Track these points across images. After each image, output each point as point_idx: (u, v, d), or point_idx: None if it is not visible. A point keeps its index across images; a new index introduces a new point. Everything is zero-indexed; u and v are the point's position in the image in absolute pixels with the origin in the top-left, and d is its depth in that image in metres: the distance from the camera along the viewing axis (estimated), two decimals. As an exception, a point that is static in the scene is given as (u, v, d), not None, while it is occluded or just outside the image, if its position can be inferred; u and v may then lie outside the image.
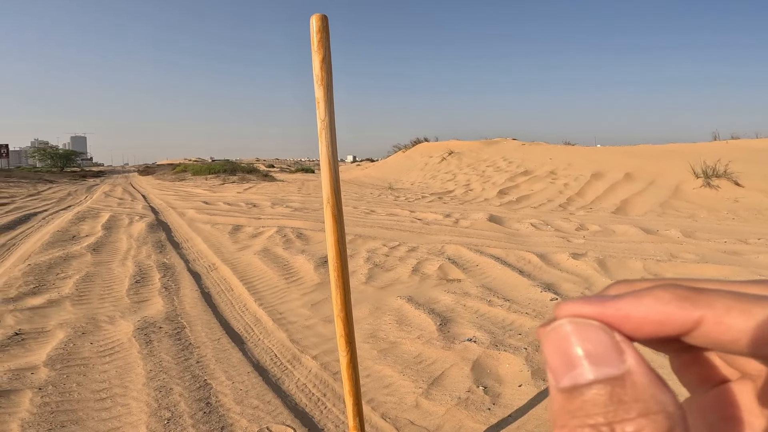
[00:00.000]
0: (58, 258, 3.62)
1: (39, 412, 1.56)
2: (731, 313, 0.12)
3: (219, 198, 9.49)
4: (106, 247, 4.19)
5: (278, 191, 11.54)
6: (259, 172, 20.65)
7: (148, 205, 8.32)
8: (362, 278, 3.14)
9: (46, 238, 4.50)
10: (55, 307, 2.56)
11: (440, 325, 2.28)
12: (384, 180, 14.54)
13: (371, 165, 23.98)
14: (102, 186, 16.98)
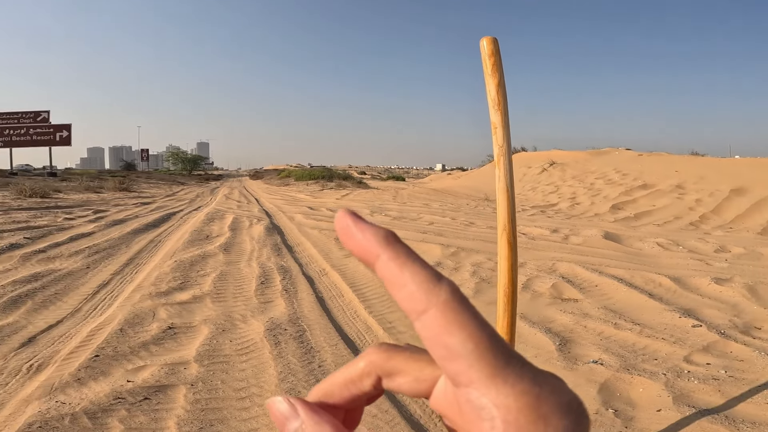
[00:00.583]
0: (197, 256, 4.11)
1: (192, 409, 1.67)
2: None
3: (321, 204, 10.06)
4: (234, 247, 4.65)
5: (374, 199, 11.88)
6: (353, 179, 21.54)
7: (262, 209, 9.13)
8: (469, 292, 3.10)
9: (186, 237, 5.16)
10: (198, 303, 2.88)
11: (559, 345, 2.20)
12: (479, 190, 14.15)
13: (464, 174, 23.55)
14: (222, 189, 19.17)
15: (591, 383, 1.84)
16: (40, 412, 1.54)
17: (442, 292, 0.16)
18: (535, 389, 0.15)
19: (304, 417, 0.18)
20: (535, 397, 0.15)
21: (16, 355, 2.02)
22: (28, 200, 9.46)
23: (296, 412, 0.18)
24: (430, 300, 0.16)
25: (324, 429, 0.17)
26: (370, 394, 0.19)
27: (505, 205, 0.97)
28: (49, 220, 6.14)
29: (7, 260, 3.69)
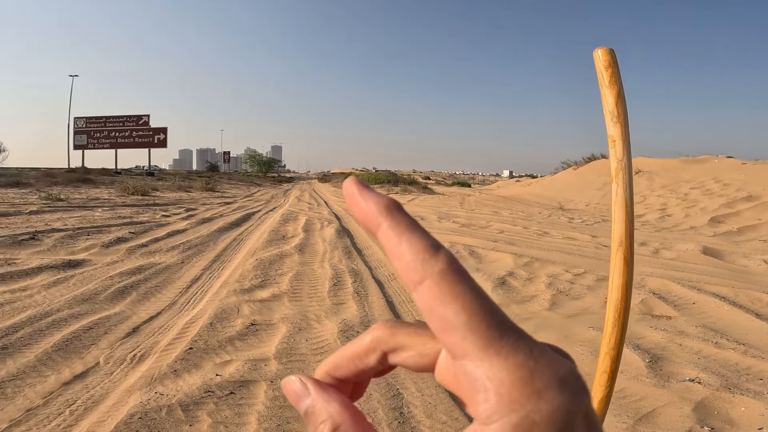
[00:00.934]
0: (275, 255, 4.33)
1: (271, 405, 1.73)
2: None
3: (388, 209, 10.13)
4: (308, 248, 4.83)
5: (440, 204, 11.74)
6: (418, 184, 21.50)
7: (331, 211, 9.43)
8: (545, 304, 3.02)
9: (265, 237, 5.46)
10: (277, 301, 3.00)
11: (650, 362, 2.14)
12: (551, 199, 13.41)
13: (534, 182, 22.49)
14: (293, 191, 20.16)
15: (685, 401, 1.79)
16: (141, 402, 1.66)
17: (438, 262, 0.16)
18: (530, 363, 0.15)
19: (315, 395, 0.19)
20: (530, 371, 0.15)
21: (122, 344, 2.23)
22: (131, 198, 10.65)
23: (308, 391, 0.19)
24: (425, 271, 0.16)
25: (332, 405, 0.19)
26: (376, 368, 0.20)
27: (623, 219, 0.89)
28: (149, 216, 6.85)
29: (115, 252, 4.15)
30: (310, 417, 0.19)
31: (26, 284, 3.01)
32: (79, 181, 14.73)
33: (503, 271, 3.91)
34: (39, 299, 2.73)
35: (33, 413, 1.58)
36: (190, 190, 14.85)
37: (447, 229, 6.68)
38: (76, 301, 2.73)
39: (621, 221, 0.97)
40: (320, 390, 0.19)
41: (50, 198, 8.91)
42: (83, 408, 1.64)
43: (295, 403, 0.19)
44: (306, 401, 0.19)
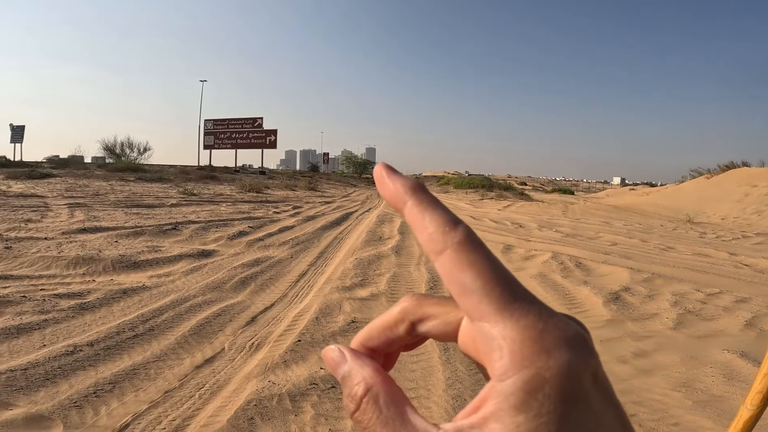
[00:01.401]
0: (373, 256, 4.47)
1: None
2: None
3: (483, 214, 9.84)
4: (404, 250, 4.91)
5: (540, 212, 11.03)
6: (514, 190, 20.49)
7: (425, 215, 9.45)
8: (668, 323, 2.87)
9: (363, 237, 5.68)
10: (375, 300, 3.09)
11: None
12: (676, 210, 11.76)
13: (653, 191, 20.00)
14: (386, 193, 20.58)
15: None
16: (257, 390, 1.82)
17: (458, 233, 0.18)
18: (539, 324, 0.16)
19: (351, 361, 0.20)
20: (539, 331, 0.16)
21: (243, 332, 2.48)
22: (248, 194, 11.90)
23: (344, 358, 0.20)
24: (446, 241, 0.18)
25: (366, 370, 0.20)
26: (405, 339, 0.21)
27: None
28: (263, 212, 7.58)
29: (237, 245, 4.67)
30: (346, 381, 0.20)
31: (169, 270, 3.54)
32: (207, 178, 16.90)
33: (617, 286, 3.66)
34: (179, 285, 3.18)
35: (169, 395, 1.80)
36: (296, 189, 16.10)
37: (549, 239, 6.26)
38: (208, 289, 3.12)
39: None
40: (355, 357, 0.20)
41: (186, 193, 10.36)
42: (210, 392, 1.84)
43: (333, 370, 0.20)
44: (343, 367, 0.20)
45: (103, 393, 1.76)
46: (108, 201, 7.73)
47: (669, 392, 2.00)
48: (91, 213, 6.12)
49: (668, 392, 2.00)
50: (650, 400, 1.93)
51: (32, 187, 9.73)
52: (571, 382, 0.15)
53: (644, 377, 2.16)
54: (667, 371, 2.22)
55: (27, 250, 3.64)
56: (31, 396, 1.68)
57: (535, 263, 4.57)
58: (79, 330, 2.29)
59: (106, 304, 2.68)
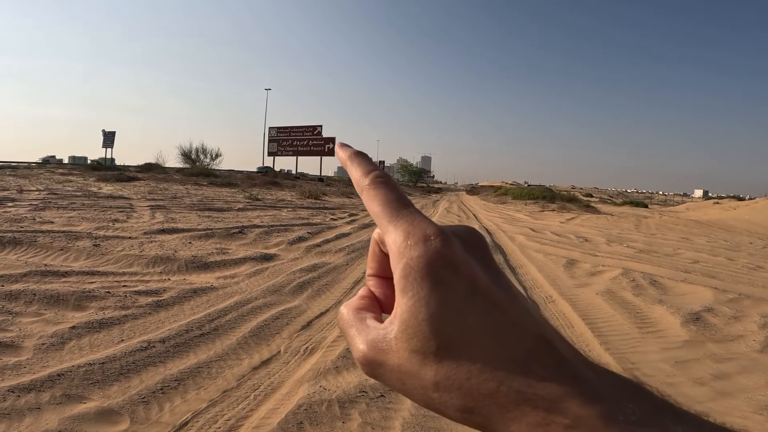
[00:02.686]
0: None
1: (416, 413, 1.76)
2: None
3: (544, 226, 9.38)
4: (459, 263, 4.80)
5: (609, 226, 10.30)
6: (579, 202, 19.36)
7: (481, 225, 9.21)
8: (755, 345, 2.72)
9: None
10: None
11: None
12: (770, 227, 10.43)
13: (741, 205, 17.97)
14: (442, 202, 20.46)
15: None
16: (308, 395, 1.84)
17: (368, 179, 0.25)
18: (409, 228, 0.21)
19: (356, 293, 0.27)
20: (408, 232, 0.21)
21: (298, 336, 2.55)
22: (307, 200, 12.35)
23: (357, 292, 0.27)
24: (361, 185, 0.25)
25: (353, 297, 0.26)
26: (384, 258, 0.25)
27: None
28: (321, 219, 7.81)
29: (296, 250, 4.84)
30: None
31: (235, 272, 3.74)
32: (270, 184, 17.80)
33: (698, 306, 3.42)
34: (243, 286, 3.35)
35: (227, 395, 1.87)
36: (352, 197, 16.43)
37: (619, 254, 5.81)
38: (269, 291, 3.25)
39: None
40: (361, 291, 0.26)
41: (251, 198, 10.97)
42: (264, 394, 1.90)
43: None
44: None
45: (169, 390, 1.87)
46: (184, 204, 8.39)
47: (750, 415, 1.90)
48: (169, 215, 6.66)
49: (749, 415, 1.90)
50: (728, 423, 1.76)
51: (120, 189, 10.83)
52: (428, 267, 0.20)
53: (723, 399, 2.03)
54: (749, 394, 2.10)
55: (113, 249, 4.04)
56: (104, 390, 1.81)
57: (602, 279, 4.30)
58: (153, 326, 2.48)
59: (178, 302, 2.88)
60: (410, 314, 0.19)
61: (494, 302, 0.20)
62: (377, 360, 0.21)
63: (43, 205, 6.62)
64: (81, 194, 8.86)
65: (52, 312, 2.53)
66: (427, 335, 0.19)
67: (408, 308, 0.20)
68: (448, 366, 0.19)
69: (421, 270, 0.20)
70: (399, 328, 0.20)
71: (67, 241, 4.16)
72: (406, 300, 0.20)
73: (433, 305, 0.19)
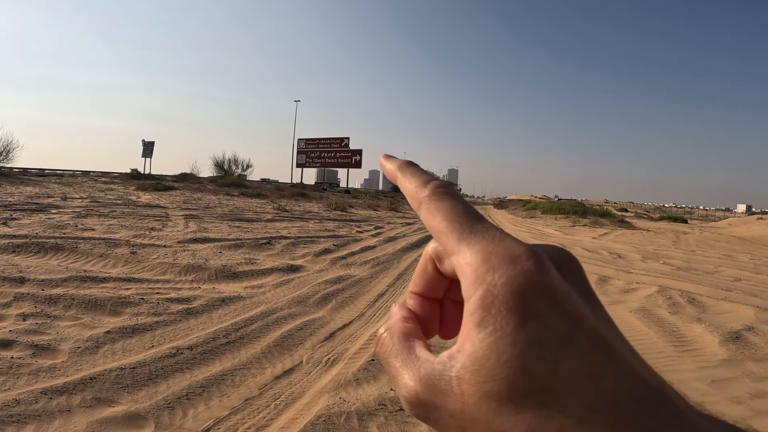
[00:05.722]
0: (453, 281, 4.37)
1: (433, 429, 1.74)
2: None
3: (575, 242, 9.11)
4: (485, 278, 4.73)
5: (645, 242, 9.89)
6: (613, 217, 18.68)
7: (509, 240, 9.02)
8: None
9: (442, 260, 5.58)
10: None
11: None
12: (825, 245, 9.73)
13: (792, 219, 16.88)
14: (469, 214, 20.10)
15: None
16: (327, 406, 1.85)
17: (426, 190, 0.22)
18: (489, 247, 0.18)
19: (393, 310, 0.24)
20: (488, 252, 0.18)
21: (321, 347, 2.57)
22: (333, 212, 12.49)
23: (394, 309, 0.24)
24: (419, 198, 0.22)
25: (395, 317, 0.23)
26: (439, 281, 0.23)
27: None
28: (346, 231, 7.88)
29: (322, 261, 4.90)
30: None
31: (262, 282, 3.82)
32: (298, 196, 18.14)
33: (738, 325, 3.30)
34: (269, 297, 3.41)
35: (249, 403, 1.90)
36: (378, 209, 16.50)
37: (655, 271, 5.56)
38: (294, 302, 3.30)
39: None
40: (398, 308, 0.24)
41: (280, 209, 11.21)
42: (284, 404, 1.92)
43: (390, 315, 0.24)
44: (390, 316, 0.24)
45: (194, 396, 1.92)
46: (216, 214, 8.67)
47: None
48: (202, 224, 6.90)
49: None
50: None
51: (157, 198, 11.31)
52: (518, 296, 0.17)
53: (761, 418, 1.95)
54: None
55: (149, 256, 4.21)
56: (133, 394, 1.87)
57: (636, 297, 4.14)
58: (183, 333, 2.56)
59: (207, 310, 2.96)
60: (489, 352, 0.16)
61: (598, 342, 0.16)
62: (432, 402, 0.18)
63: (86, 212, 7.00)
64: (121, 203, 9.31)
65: (89, 317, 2.65)
66: (510, 379, 0.16)
67: (487, 345, 0.16)
68: (533, 417, 0.16)
69: (508, 300, 0.17)
70: (468, 367, 0.17)
71: (106, 247, 4.37)
72: (485, 335, 0.16)
73: (521, 344, 0.16)
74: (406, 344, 0.21)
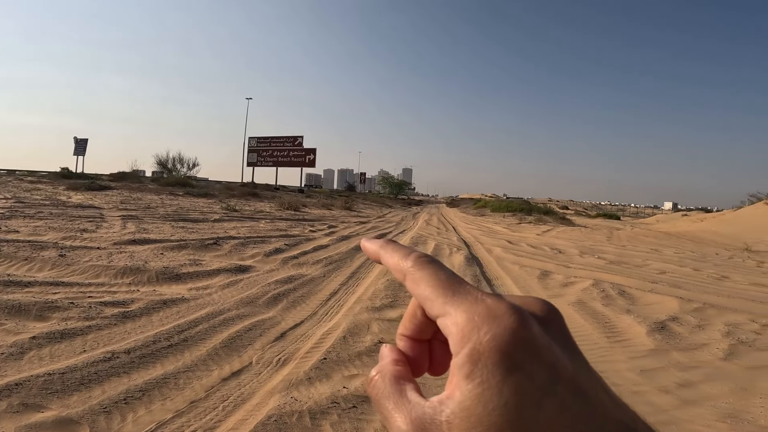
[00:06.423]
0: (405, 278, 4.43)
1: None
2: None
3: (520, 239, 9.56)
4: (436, 274, 4.83)
5: (582, 238, 10.58)
6: (555, 215, 19.84)
7: (459, 238, 9.31)
8: (719, 353, 2.80)
9: (395, 258, 5.65)
10: (405, 323, 3.05)
11: None
12: (734, 238, 10.94)
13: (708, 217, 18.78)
14: (422, 214, 20.59)
15: None
16: (278, 406, 1.81)
17: (408, 261, 0.24)
18: (472, 308, 0.20)
19: (384, 351, 0.25)
20: (472, 312, 0.20)
21: (271, 347, 2.51)
22: (285, 212, 12.24)
23: (384, 350, 0.25)
24: (403, 270, 0.24)
25: (386, 359, 0.24)
26: (427, 325, 0.24)
27: None
28: (299, 230, 7.75)
29: (273, 262, 4.78)
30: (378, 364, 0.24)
31: (208, 283, 3.67)
32: (249, 195, 17.57)
33: (664, 315, 3.53)
34: (216, 298, 3.28)
35: (194, 405, 1.83)
36: (332, 208, 16.38)
37: (591, 266, 5.97)
38: (242, 303, 3.20)
39: None
40: (389, 350, 0.25)
41: (228, 209, 10.80)
42: (233, 405, 1.86)
43: (380, 359, 0.25)
44: (381, 356, 0.25)
45: (132, 400, 1.81)
46: (158, 214, 8.19)
47: (714, 423, 1.94)
48: (142, 225, 6.50)
49: (713, 423, 1.94)
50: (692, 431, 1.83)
51: (90, 198, 10.49)
52: (502, 352, 0.18)
53: (688, 408, 2.08)
54: (713, 402, 2.16)
55: (80, 259, 3.90)
56: (64, 400, 1.75)
57: (574, 290, 4.39)
58: (119, 337, 2.41)
59: (146, 313, 2.80)
60: (476, 401, 0.18)
61: (577, 390, 0.18)
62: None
63: (9, 213, 6.37)
64: (49, 203, 8.55)
65: (13, 322, 2.43)
66: (497, 426, 0.17)
67: (475, 395, 0.18)
68: None
69: (493, 355, 0.18)
70: (458, 414, 0.18)
71: (31, 250, 4.01)
72: (473, 386, 0.18)
73: (507, 394, 0.17)
74: (398, 387, 0.22)
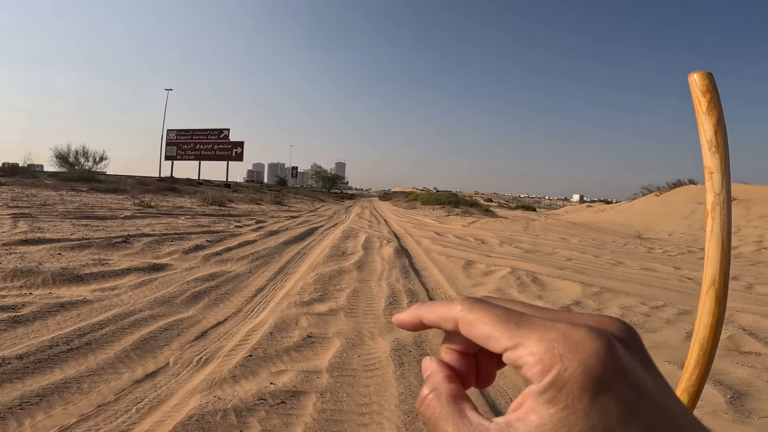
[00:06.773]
0: (335, 271, 4.42)
1: (318, 418, 1.74)
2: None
3: (448, 230, 10.00)
4: (366, 266, 4.89)
5: (503, 228, 11.34)
6: (480, 207, 21.02)
7: (390, 230, 9.50)
8: None
9: (326, 252, 5.62)
10: (333, 316, 3.05)
11: (731, 398, 2.08)
12: (629, 227, 12.42)
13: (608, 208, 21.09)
14: (354, 208, 20.65)
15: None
16: (200, 405, 1.74)
17: (455, 307, 0.23)
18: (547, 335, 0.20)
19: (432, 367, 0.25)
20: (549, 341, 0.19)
21: (191, 347, 2.38)
22: (209, 207, 11.55)
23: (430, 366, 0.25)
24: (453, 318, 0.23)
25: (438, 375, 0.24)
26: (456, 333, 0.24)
27: (718, 258, 0.79)
28: (224, 226, 7.37)
29: (193, 259, 4.50)
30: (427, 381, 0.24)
31: (116, 284, 3.36)
32: (167, 190, 16.31)
33: (568, 300, 3.80)
34: (125, 299, 3.02)
35: (103, 409, 1.70)
36: (261, 203, 15.79)
37: (509, 254, 6.43)
38: (157, 303, 2.97)
39: (715, 259, 0.86)
40: (438, 365, 0.25)
41: (142, 205, 9.94)
42: (148, 407, 1.75)
43: (424, 373, 0.25)
44: (428, 371, 0.25)
45: (29, 406, 1.64)
46: (56, 212, 7.29)
47: None
48: (36, 224, 5.75)
49: None
50: None
51: (-29, 196, 9.04)
52: (591, 378, 0.18)
53: None
54: None
55: (-44, 263, 3.36)
56: (-56, 411, 1.53)
57: (494, 278, 4.67)
58: (9, 343, 2.13)
59: (41, 317, 2.50)
60: (559, 425, 0.18)
61: (660, 410, 0.18)
62: None
63: None
64: None
65: None
66: None
67: (558, 419, 0.18)
68: None
69: (582, 381, 0.18)
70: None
71: None
72: (555, 410, 0.18)
73: (594, 417, 0.17)
74: (456, 407, 0.21)
